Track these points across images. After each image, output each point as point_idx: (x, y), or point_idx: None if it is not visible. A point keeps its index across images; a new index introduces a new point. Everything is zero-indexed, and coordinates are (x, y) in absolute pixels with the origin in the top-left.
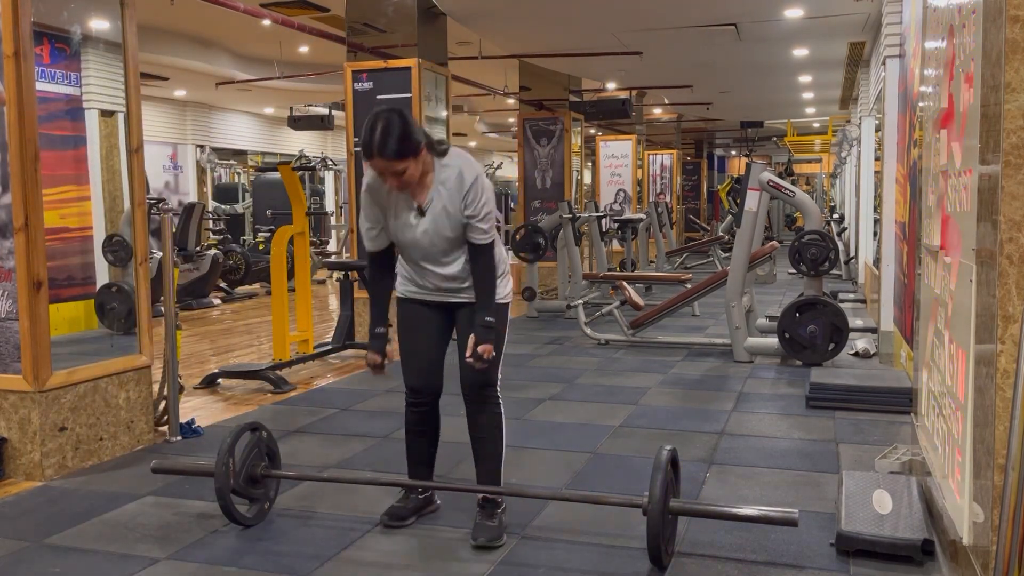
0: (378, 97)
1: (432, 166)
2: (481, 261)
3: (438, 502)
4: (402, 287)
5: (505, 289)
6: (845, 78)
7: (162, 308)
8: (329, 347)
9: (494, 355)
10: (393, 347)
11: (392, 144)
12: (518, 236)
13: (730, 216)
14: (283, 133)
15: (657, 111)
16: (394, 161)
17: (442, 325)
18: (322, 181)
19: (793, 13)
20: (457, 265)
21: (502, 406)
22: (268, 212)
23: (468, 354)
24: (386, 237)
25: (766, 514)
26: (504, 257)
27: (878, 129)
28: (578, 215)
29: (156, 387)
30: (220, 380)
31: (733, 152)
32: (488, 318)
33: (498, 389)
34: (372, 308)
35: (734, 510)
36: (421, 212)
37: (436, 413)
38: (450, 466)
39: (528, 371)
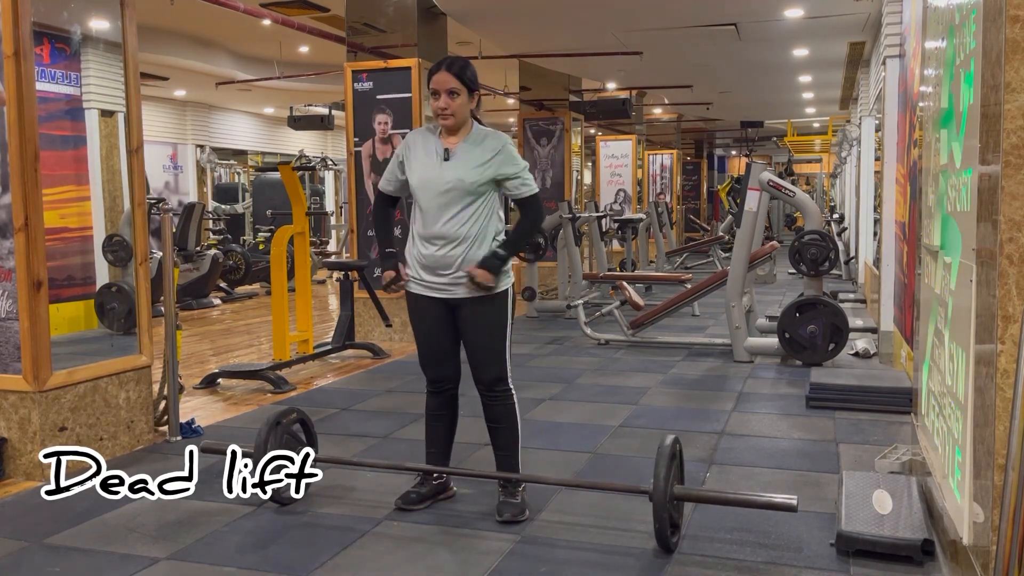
0: (378, 97)
1: (471, 127)
2: (528, 214)
3: (454, 488)
4: (410, 281)
5: (507, 277)
6: (845, 78)
7: (162, 308)
8: (329, 347)
9: (495, 331)
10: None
11: (458, 65)
12: None
13: (730, 216)
14: (283, 133)
15: (657, 111)
16: (454, 78)
17: (452, 321)
18: (322, 181)
19: (793, 13)
20: (462, 220)
21: (515, 397)
22: (268, 212)
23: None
24: (400, 187)
25: (768, 499)
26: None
27: (878, 129)
28: (578, 215)
29: (156, 387)
30: (220, 380)
31: (733, 152)
32: (500, 251)
33: (510, 383)
34: (379, 235)
35: (736, 495)
36: (446, 157)
37: (455, 401)
38: (458, 461)
39: (528, 371)
